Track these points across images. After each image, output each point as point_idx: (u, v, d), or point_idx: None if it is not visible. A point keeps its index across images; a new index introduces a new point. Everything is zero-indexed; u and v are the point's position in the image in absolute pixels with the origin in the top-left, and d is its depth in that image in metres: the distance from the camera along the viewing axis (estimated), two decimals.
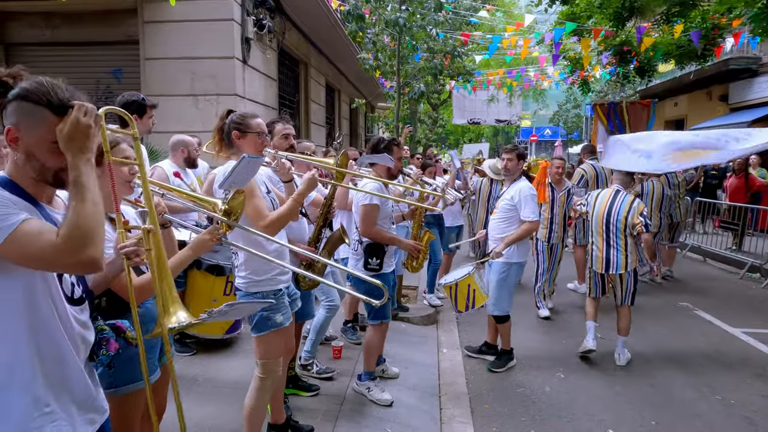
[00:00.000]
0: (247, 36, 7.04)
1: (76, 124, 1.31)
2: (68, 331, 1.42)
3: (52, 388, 1.38)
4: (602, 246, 4.59)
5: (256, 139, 2.56)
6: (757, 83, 13.46)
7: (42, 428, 1.35)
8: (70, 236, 1.24)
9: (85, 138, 1.32)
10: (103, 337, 1.66)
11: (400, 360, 4.46)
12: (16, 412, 1.32)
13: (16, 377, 1.33)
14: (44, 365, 1.37)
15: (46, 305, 1.37)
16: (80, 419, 1.45)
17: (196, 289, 4.15)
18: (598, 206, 4.66)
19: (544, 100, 28.22)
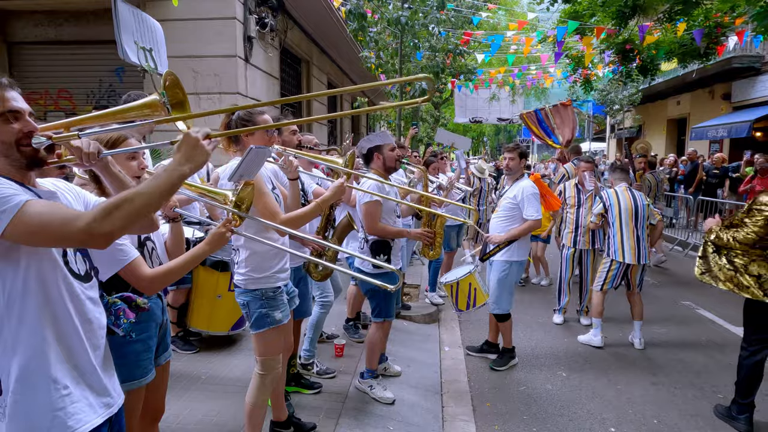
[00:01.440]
0: (250, 34, 7.05)
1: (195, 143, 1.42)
2: (81, 311, 1.45)
3: (69, 371, 1.41)
4: (633, 238, 4.79)
5: (264, 135, 2.57)
6: (760, 82, 13.43)
7: (64, 409, 1.37)
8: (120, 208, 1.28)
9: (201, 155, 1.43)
10: (118, 308, 1.75)
11: (402, 358, 4.47)
12: (40, 394, 1.35)
13: (34, 360, 1.35)
14: (60, 348, 1.39)
15: (55, 287, 1.39)
16: (97, 402, 1.47)
17: (201, 286, 4.17)
18: (625, 202, 4.88)
19: (547, 99, 28.15)
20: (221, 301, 4.17)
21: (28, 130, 1.38)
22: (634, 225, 4.84)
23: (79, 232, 1.25)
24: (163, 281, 1.90)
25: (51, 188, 1.53)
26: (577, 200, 5.63)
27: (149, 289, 1.92)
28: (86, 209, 1.59)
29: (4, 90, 1.35)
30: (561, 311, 5.74)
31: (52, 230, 1.25)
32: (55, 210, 1.29)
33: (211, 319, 4.22)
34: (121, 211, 1.27)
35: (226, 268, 4.13)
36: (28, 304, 1.34)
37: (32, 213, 1.25)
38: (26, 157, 1.39)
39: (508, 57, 12.18)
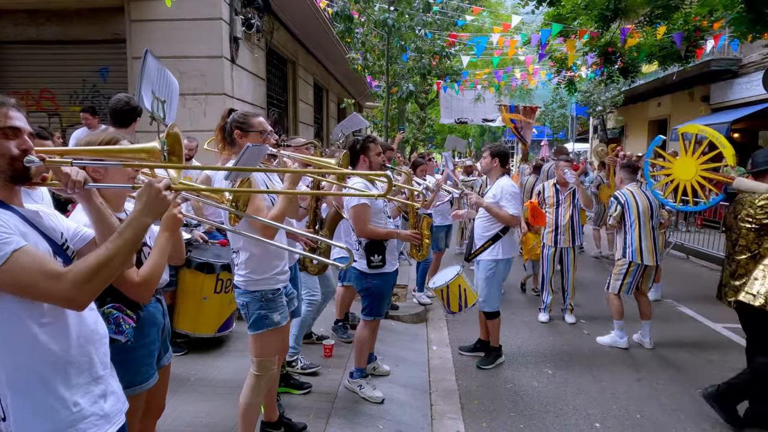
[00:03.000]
0: (236, 35, 7.02)
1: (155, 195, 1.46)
2: (81, 323, 1.46)
3: (78, 387, 1.42)
4: (651, 239, 4.82)
5: (258, 137, 2.59)
6: (737, 84, 13.74)
7: (74, 426, 1.39)
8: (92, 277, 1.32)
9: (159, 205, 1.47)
10: (116, 316, 1.81)
11: (390, 358, 4.50)
12: (47, 415, 1.36)
13: (37, 380, 1.36)
14: (65, 365, 1.40)
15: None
16: (111, 409, 1.50)
17: (187, 288, 4.16)
18: (642, 203, 4.86)
19: (531, 100, 28.45)
20: (207, 303, 4.16)
21: (24, 148, 1.40)
22: (651, 225, 4.85)
23: (60, 296, 1.30)
24: (152, 280, 1.88)
25: (35, 209, 1.54)
26: (556, 200, 5.68)
27: (143, 293, 1.89)
28: (66, 236, 1.60)
29: (8, 108, 1.39)
30: (546, 310, 5.82)
31: (33, 289, 1.29)
32: (37, 263, 1.30)
33: (197, 321, 4.21)
34: (100, 277, 1.32)
35: (212, 270, 4.13)
36: (24, 324, 1.34)
37: (18, 267, 1.27)
38: (15, 171, 1.40)
39: (493, 59, 12.29)
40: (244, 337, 4.60)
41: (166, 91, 2.92)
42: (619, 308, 4.95)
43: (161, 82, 2.71)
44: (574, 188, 5.65)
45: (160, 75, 2.73)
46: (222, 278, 4.16)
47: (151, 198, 1.46)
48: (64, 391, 1.38)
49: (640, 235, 4.84)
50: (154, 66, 2.31)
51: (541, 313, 5.84)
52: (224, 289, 4.17)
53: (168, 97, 2.86)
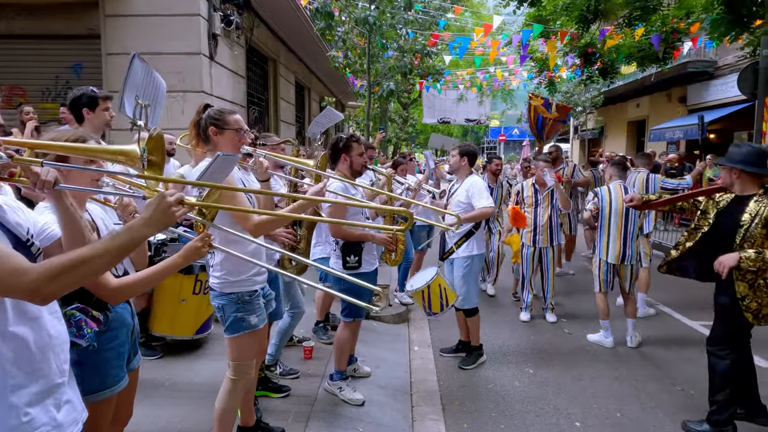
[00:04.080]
0: (214, 32, 6.90)
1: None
2: (39, 326, 1.38)
3: (31, 395, 1.34)
4: (620, 238, 4.85)
5: (234, 135, 2.51)
6: (713, 86, 14.00)
7: None
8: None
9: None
10: (78, 319, 1.72)
11: (371, 359, 4.46)
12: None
13: None
14: (17, 371, 1.32)
15: (5, 304, 1.31)
16: (66, 419, 1.43)
17: (164, 290, 4.05)
18: (616, 201, 4.87)
19: (512, 100, 28.67)
20: (185, 305, 4.06)
21: None
22: (624, 224, 4.84)
23: (25, 288, 1.21)
24: (128, 292, 1.82)
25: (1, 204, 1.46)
26: (535, 200, 5.71)
27: (113, 299, 1.84)
28: (32, 232, 1.52)
29: None
30: (527, 309, 5.83)
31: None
32: (4, 258, 1.22)
33: (174, 323, 4.11)
34: (73, 274, 1.24)
35: (191, 271, 4.03)
36: None
37: None
38: None
39: (475, 59, 12.33)
40: (223, 339, 4.52)
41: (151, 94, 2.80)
42: (603, 308, 4.98)
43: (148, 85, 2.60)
44: (553, 188, 5.70)
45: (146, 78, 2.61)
46: (201, 279, 4.06)
47: (159, 210, 1.39)
48: (16, 399, 1.30)
49: (609, 234, 4.90)
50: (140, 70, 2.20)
51: (523, 312, 5.85)
52: (203, 290, 4.08)
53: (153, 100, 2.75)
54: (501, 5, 8.82)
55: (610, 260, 4.89)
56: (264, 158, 2.64)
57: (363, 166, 3.55)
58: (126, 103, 2.49)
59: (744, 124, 13.26)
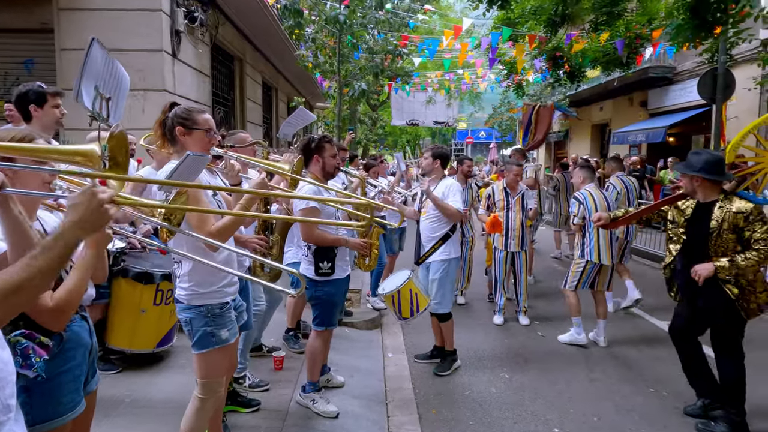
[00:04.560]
0: (177, 28, 6.63)
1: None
2: None
3: None
4: (608, 239, 4.93)
5: (203, 136, 2.34)
6: (672, 91, 14.44)
7: None
8: None
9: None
10: (24, 347, 1.52)
11: (344, 367, 4.32)
12: None
13: None
14: None
15: None
16: None
17: (122, 300, 3.80)
18: (600, 203, 5.00)
19: (480, 103, 28.99)
20: (145, 316, 3.83)
21: None
22: None
23: None
24: (68, 305, 1.62)
25: None
26: (507, 203, 5.66)
27: (56, 321, 1.62)
28: None
29: None
30: (500, 312, 5.81)
31: None
32: None
33: (134, 335, 3.86)
34: (10, 303, 1.07)
35: (151, 280, 3.79)
36: None
37: None
38: None
39: (444, 62, 12.34)
40: (187, 350, 4.28)
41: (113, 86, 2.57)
42: (575, 305, 5.04)
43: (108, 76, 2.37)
44: (523, 192, 5.74)
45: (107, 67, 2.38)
46: (162, 289, 3.83)
47: (90, 210, 1.20)
48: None
49: (599, 235, 4.95)
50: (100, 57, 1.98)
51: (496, 315, 5.82)
52: (165, 301, 3.85)
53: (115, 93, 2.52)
54: (470, 8, 8.81)
55: (603, 262, 4.92)
56: (236, 161, 2.47)
57: (336, 167, 3.42)
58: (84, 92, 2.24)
59: (701, 129, 13.75)
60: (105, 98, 1.94)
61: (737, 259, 3.21)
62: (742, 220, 3.22)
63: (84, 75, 1.74)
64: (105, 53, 1.81)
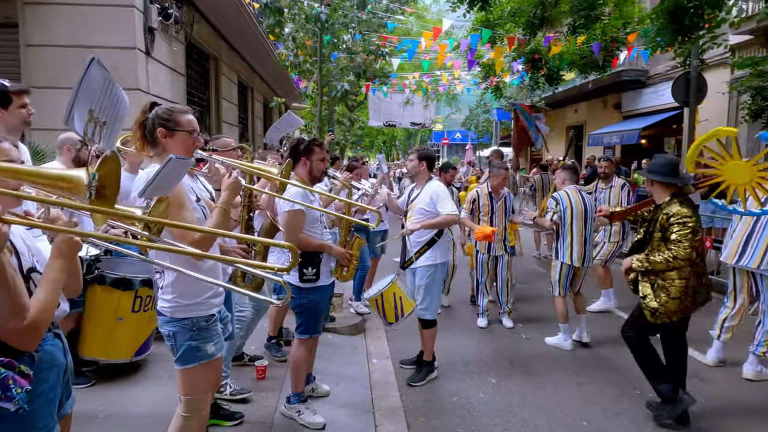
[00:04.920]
0: (151, 25, 6.40)
1: None
2: None
3: None
4: (581, 241, 4.99)
5: (187, 138, 2.20)
6: (645, 94, 14.76)
7: None
8: None
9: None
10: (3, 377, 1.40)
11: (329, 375, 4.20)
12: None
13: None
14: None
15: None
16: None
17: (98, 308, 3.61)
18: (576, 204, 4.99)
19: (457, 105, 29.16)
20: (123, 324, 3.64)
21: None
22: (584, 227, 4.99)
23: None
24: (41, 322, 1.47)
25: None
26: (491, 208, 5.60)
27: (29, 340, 1.48)
28: None
29: None
30: (484, 314, 5.77)
31: None
32: None
33: (109, 345, 3.67)
34: None
35: (130, 287, 3.61)
36: None
37: None
38: None
39: (423, 63, 12.31)
40: (165, 358, 4.11)
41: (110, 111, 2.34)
42: (564, 311, 5.05)
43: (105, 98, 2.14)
44: (506, 195, 5.70)
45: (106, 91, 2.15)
46: (141, 295, 3.65)
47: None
48: None
49: (572, 238, 4.98)
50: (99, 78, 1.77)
51: (480, 318, 5.78)
52: (143, 308, 3.67)
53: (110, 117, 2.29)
54: (451, 8, 8.79)
55: (574, 263, 4.97)
56: (221, 164, 2.34)
57: (323, 172, 3.31)
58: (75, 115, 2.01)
59: (673, 131, 14.08)
60: (99, 123, 1.76)
61: (652, 256, 3.42)
62: (665, 220, 3.38)
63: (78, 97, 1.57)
64: (105, 74, 1.64)
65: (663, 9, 5.81)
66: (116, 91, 1.68)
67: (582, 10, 8.51)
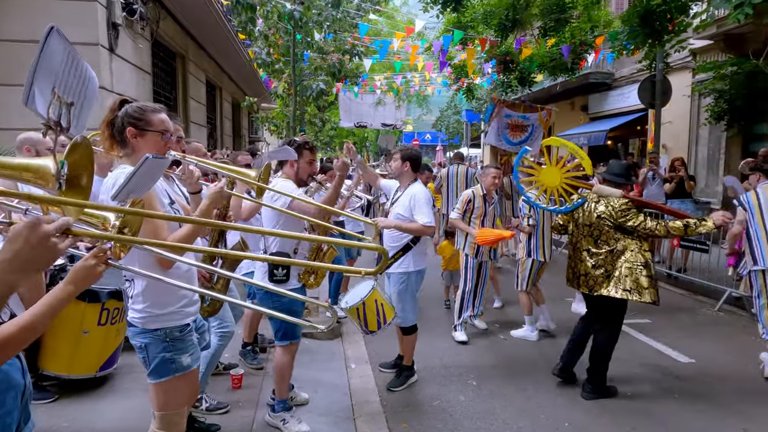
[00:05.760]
0: (115, 21, 6.14)
1: None
2: None
3: None
4: (550, 238, 5.30)
5: (158, 139, 2.07)
6: (611, 96, 15.13)
7: None
8: None
9: None
10: None
11: (307, 382, 4.09)
12: None
13: None
14: None
15: None
16: None
17: (61, 321, 3.39)
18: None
19: (428, 106, 29.31)
20: (88, 338, 3.44)
21: None
22: (549, 226, 5.19)
23: None
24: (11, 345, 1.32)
25: None
26: (484, 211, 5.25)
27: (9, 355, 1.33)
28: None
29: None
30: (462, 327, 5.37)
31: None
32: None
33: (73, 359, 3.46)
34: None
35: (96, 299, 3.41)
36: None
37: None
38: None
39: (395, 63, 12.28)
40: (134, 371, 3.92)
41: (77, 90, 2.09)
42: (528, 304, 5.33)
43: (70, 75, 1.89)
44: (497, 200, 5.58)
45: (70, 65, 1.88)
46: (108, 307, 3.45)
47: (31, 245, 0.97)
48: None
49: (543, 236, 5.23)
50: (60, 50, 1.53)
51: (458, 332, 5.35)
52: (110, 320, 3.48)
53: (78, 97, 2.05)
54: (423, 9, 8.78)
55: (547, 259, 5.27)
56: (195, 166, 2.21)
57: (310, 176, 3.21)
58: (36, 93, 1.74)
59: (637, 132, 14.47)
60: (65, 103, 1.56)
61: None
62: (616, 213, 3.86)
63: (37, 72, 1.39)
64: (67, 46, 1.47)
65: (634, 12, 5.93)
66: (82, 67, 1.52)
67: (552, 14, 8.64)
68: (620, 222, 3.79)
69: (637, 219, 3.74)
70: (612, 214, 3.82)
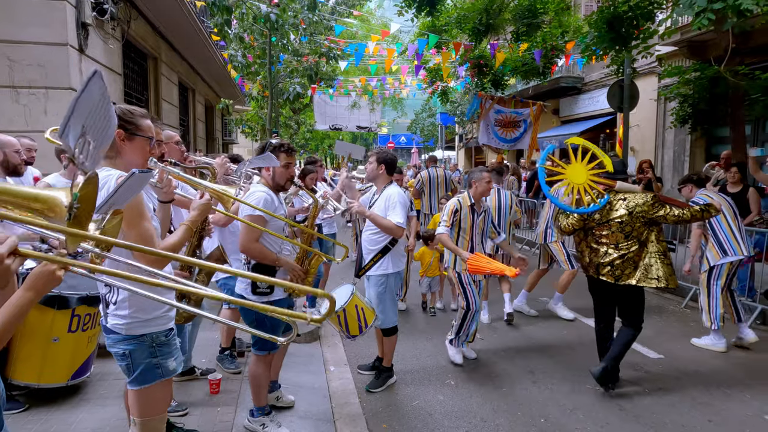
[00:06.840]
0: (84, 20, 5.99)
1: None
2: None
3: None
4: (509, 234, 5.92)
5: (146, 145, 2.04)
6: (581, 100, 15.49)
7: None
8: None
9: None
10: None
11: (287, 385, 4.06)
12: None
13: None
14: None
15: None
16: None
17: (29, 328, 3.30)
18: (502, 203, 6.04)
19: (402, 109, 29.45)
20: (58, 345, 3.35)
21: None
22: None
23: None
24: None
25: None
26: (472, 222, 4.61)
27: None
28: None
29: None
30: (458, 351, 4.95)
31: None
32: None
33: (43, 368, 3.36)
34: None
35: (66, 305, 3.33)
36: None
37: None
38: None
39: (371, 66, 12.32)
40: (108, 378, 3.84)
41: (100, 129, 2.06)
42: (485, 291, 5.83)
43: (99, 116, 1.88)
44: (486, 209, 4.82)
45: (101, 107, 1.89)
46: (79, 314, 3.37)
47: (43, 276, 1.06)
48: None
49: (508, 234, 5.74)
50: (97, 93, 1.54)
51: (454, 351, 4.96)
52: (81, 327, 3.39)
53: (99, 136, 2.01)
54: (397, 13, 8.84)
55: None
56: (170, 176, 2.19)
57: (288, 180, 3.16)
58: (71, 131, 1.72)
59: (607, 135, 14.85)
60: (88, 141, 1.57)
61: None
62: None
63: (75, 110, 1.40)
64: (104, 89, 1.47)
65: (602, 18, 6.11)
66: (109, 110, 1.53)
67: (524, 19, 8.81)
68: (652, 214, 3.93)
69: (663, 209, 3.93)
70: (645, 209, 3.95)
